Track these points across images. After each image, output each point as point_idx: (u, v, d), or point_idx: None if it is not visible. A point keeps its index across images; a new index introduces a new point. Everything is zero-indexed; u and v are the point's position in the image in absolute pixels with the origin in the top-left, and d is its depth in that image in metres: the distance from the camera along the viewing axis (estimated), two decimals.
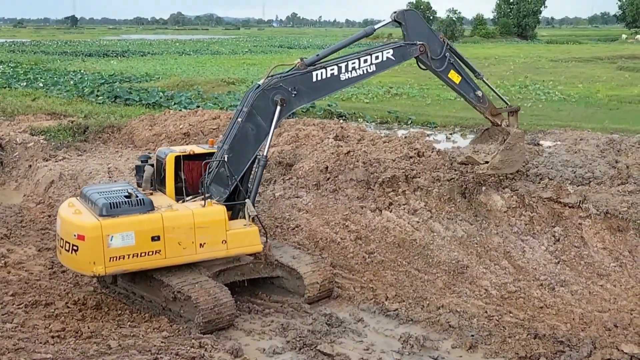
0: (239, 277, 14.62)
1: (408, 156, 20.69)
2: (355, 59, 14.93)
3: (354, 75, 14.98)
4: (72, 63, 77.61)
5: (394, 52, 15.36)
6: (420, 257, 16.32)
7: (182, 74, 62.80)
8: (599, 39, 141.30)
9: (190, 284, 13.30)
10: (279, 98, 14.27)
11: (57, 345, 12.37)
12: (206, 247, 13.57)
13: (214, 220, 13.62)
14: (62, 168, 23.46)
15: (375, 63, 15.11)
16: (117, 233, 12.85)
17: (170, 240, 13.28)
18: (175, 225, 13.31)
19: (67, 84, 52.39)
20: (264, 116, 14.33)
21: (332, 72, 14.73)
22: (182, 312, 13.40)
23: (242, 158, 14.40)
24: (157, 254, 13.24)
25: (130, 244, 12.93)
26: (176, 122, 29.34)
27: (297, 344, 12.64)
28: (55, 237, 14.52)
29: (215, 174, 14.24)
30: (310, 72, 14.59)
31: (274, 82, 14.38)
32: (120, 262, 12.97)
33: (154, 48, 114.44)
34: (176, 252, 13.39)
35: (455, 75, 16.04)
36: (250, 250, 14.03)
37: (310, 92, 14.75)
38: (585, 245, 15.87)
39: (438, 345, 12.71)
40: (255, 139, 14.41)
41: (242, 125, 14.32)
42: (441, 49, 15.68)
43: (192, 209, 13.68)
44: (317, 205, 19.26)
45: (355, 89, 51.64)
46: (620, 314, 13.34)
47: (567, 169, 18.29)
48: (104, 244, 12.78)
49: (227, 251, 13.78)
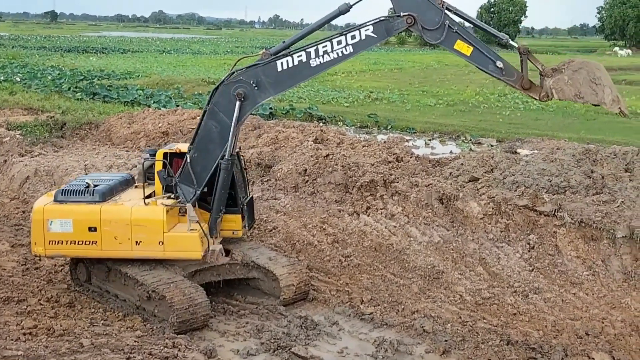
0: (215, 278, 14.53)
1: (387, 161, 20.80)
2: (327, 42, 13.39)
3: (327, 60, 13.47)
4: (50, 58, 77.00)
5: (375, 28, 13.41)
6: (396, 261, 16.39)
7: (162, 72, 62.56)
8: (577, 50, 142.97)
9: (165, 283, 13.23)
10: (237, 92, 13.54)
11: (29, 342, 12.23)
12: (142, 245, 13.45)
13: (150, 220, 13.43)
14: (38, 164, 23.24)
15: (352, 44, 13.40)
16: (57, 219, 13.48)
17: (107, 233, 13.43)
18: (112, 219, 13.42)
19: (45, 80, 51.95)
20: (227, 113, 13.68)
21: (300, 59, 13.48)
22: (156, 312, 13.33)
23: (208, 157, 13.91)
24: (93, 245, 13.52)
25: (68, 230, 13.44)
26: (155, 121, 29.22)
27: (272, 346, 12.62)
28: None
29: (184, 174, 13.99)
30: (275, 62, 13.53)
31: (234, 75, 13.73)
32: (59, 247, 13.56)
33: (134, 46, 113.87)
34: (112, 246, 13.51)
35: (464, 46, 13.72)
36: (188, 255, 13.61)
37: (275, 83, 13.65)
38: (559, 254, 16.03)
39: (412, 350, 12.75)
40: (220, 137, 13.79)
41: (205, 123, 13.87)
42: (440, 18, 13.34)
43: (131, 206, 13.59)
44: (295, 207, 19.28)
45: (335, 92, 51.78)
46: (592, 322, 13.48)
47: (543, 177, 18.48)
48: (44, 227, 13.46)
49: (164, 253, 13.52)
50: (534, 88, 13.70)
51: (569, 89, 13.26)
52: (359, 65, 77.53)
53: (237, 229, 14.67)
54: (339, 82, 58.59)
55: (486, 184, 18.82)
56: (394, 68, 75.56)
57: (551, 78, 13.33)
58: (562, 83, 13.24)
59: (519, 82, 13.74)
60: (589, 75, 13.25)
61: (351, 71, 69.94)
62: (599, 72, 13.26)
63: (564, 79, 13.25)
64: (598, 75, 13.20)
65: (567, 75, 13.31)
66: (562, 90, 13.28)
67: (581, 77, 13.25)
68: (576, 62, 13.44)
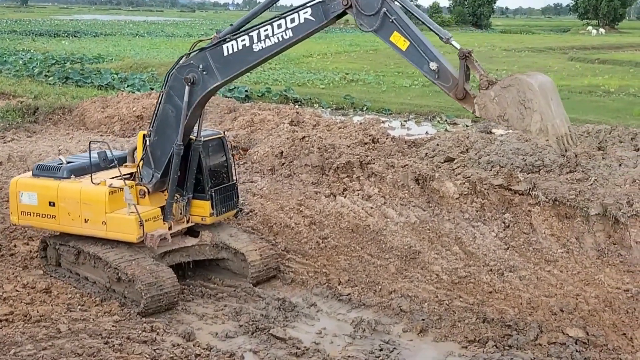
0: (185, 259, 14.62)
1: (363, 142, 20.85)
2: (268, 25, 12.62)
3: (268, 45, 12.71)
4: (21, 42, 75.72)
5: (313, 10, 12.41)
6: (373, 242, 16.47)
7: (136, 55, 61.87)
8: (551, 30, 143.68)
9: (135, 265, 13.37)
10: (185, 77, 13.26)
11: (5, 329, 12.16)
12: (89, 223, 13.83)
13: (94, 200, 13.70)
14: (11, 149, 22.98)
15: (291, 27, 12.53)
16: (25, 192, 14.45)
17: (62, 209, 14.02)
18: (67, 196, 13.96)
19: (16, 64, 51.15)
20: (182, 97, 13.42)
21: (244, 43, 12.80)
22: (126, 293, 13.48)
23: (166, 141, 13.79)
24: (52, 219, 14.24)
25: (34, 203, 14.35)
26: (129, 105, 28.97)
27: (250, 328, 12.66)
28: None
29: (145, 157, 13.99)
30: (221, 46, 13.00)
31: (185, 60, 13.47)
32: (28, 218, 14.56)
33: (106, 29, 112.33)
34: (66, 222, 14.08)
35: (400, 39, 12.18)
36: (125, 238, 13.70)
37: (222, 68, 13.10)
38: (534, 232, 16.21)
39: (389, 329, 12.87)
40: (176, 121, 13.60)
41: (162, 107, 13.76)
42: (378, 3, 12.08)
43: (81, 185, 13.92)
44: (271, 190, 19.27)
45: (311, 74, 51.63)
46: (566, 299, 13.67)
47: (517, 156, 18.63)
48: (17, 198, 14.53)
49: (106, 233, 13.78)
50: (468, 99, 12.13)
51: (493, 108, 11.82)
52: (335, 47, 77.32)
53: (205, 215, 14.63)
54: (315, 64, 58.42)
55: (462, 164, 18.94)
56: (370, 49, 75.37)
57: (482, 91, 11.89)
58: (487, 99, 11.84)
59: (452, 89, 12.24)
60: (519, 95, 11.66)
61: (327, 53, 69.73)
62: (532, 94, 11.57)
63: (490, 95, 11.81)
64: (529, 97, 11.56)
65: (494, 91, 11.82)
66: (486, 108, 11.85)
67: (510, 96, 11.70)
68: (508, 78, 11.90)
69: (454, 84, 12.11)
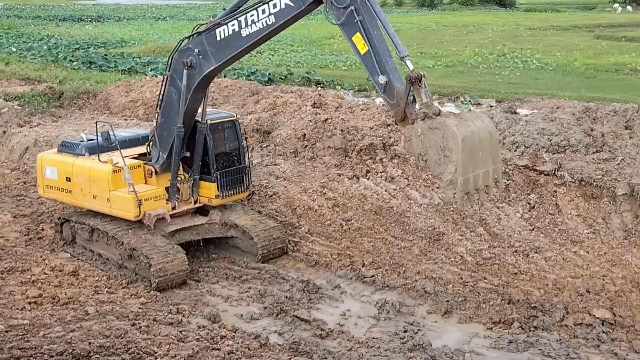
0: (194, 237, 14.92)
1: (386, 124, 20.69)
2: (254, 10, 12.85)
3: (254, 30, 12.88)
4: (46, 27, 76.29)
5: None
6: (397, 224, 16.41)
7: (159, 39, 62.05)
8: (577, 7, 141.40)
9: (145, 242, 13.75)
10: (183, 61, 13.56)
11: (34, 311, 12.36)
12: (97, 199, 14.43)
13: (99, 177, 14.23)
14: (37, 134, 23.19)
15: (273, 13, 12.62)
16: (48, 167, 15.29)
17: (76, 185, 14.72)
18: (79, 172, 14.63)
19: (41, 49, 51.54)
20: (182, 80, 13.77)
21: (233, 28, 13.02)
22: (137, 270, 13.80)
23: (171, 122, 14.18)
24: (69, 193, 14.97)
25: (54, 177, 15.16)
26: (153, 89, 29.03)
27: (275, 310, 12.73)
28: None
29: (154, 137, 14.48)
30: (214, 30, 13.28)
31: (185, 43, 13.73)
32: (51, 191, 15.43)
33: (129, 13, 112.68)
34: (80, 197, 14.79)
35: (361, 41, 12.21)
36: (125, 215, 14.16)
37: (216, 52, 13.32)
38: (559, 213, 16.06)
39: (414, 311, 12.87)
40: (179, 104, 13.93)
41: (167, 89, 14.12)
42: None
43: (90, 163, 14.39)
44: (294, 172, 19.26)
45: (333, 56, 51.41)
46: (592, 280, 13.56)
47: (543, 137, 18.44)
48: (42, 172, 15.42)
49: (110, 210, 14.34)
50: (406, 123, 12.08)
51: (416, 144, 12.08)
52: None
53: (211, 197, 14.89)
54: (337, 46, 58.11)
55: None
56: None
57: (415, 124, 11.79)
58: (414, 134, 11.95)
59: (395, 108, 12.26)
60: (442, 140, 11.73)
61: None
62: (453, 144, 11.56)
63: (417, 131, 11.91)
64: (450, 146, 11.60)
65: (422, 128, 11.95)
66: (410, 142, 12.11)
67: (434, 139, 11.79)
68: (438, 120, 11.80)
69: (396, 103, 12.20)
